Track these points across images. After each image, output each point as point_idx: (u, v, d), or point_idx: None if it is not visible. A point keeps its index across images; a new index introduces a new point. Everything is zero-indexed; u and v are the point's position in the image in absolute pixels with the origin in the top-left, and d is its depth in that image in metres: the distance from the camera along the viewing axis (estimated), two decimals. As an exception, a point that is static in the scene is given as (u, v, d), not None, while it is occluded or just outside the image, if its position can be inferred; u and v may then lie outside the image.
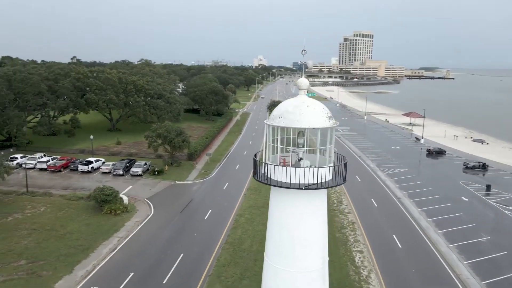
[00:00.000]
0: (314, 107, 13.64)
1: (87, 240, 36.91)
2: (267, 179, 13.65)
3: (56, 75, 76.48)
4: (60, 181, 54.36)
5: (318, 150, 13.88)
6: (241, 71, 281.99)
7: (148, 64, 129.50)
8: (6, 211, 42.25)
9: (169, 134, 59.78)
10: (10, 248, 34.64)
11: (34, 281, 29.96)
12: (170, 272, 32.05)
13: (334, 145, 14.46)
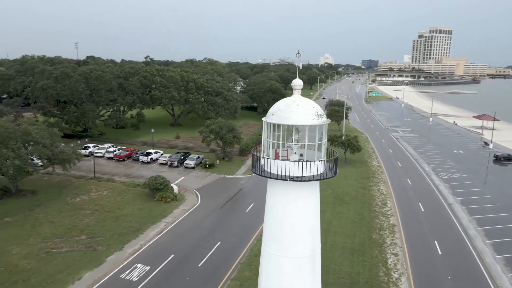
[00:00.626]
0: (303, 106, 14.74)
1: (138, 223, 41.00)
2: (264, 171, 15.03)
3: (126, 73, 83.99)
4: (123, 169, 60.23)
5: (306, 145, 14.96)
6: (305, 69, 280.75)
7: (211, 63, 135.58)
8: (75, 193, 48.24)
9: (221, 130, 62.94)
10: (75, 224, 39.82)
11: (90, 254, 34.35)
12: (206, 257, 34.59)
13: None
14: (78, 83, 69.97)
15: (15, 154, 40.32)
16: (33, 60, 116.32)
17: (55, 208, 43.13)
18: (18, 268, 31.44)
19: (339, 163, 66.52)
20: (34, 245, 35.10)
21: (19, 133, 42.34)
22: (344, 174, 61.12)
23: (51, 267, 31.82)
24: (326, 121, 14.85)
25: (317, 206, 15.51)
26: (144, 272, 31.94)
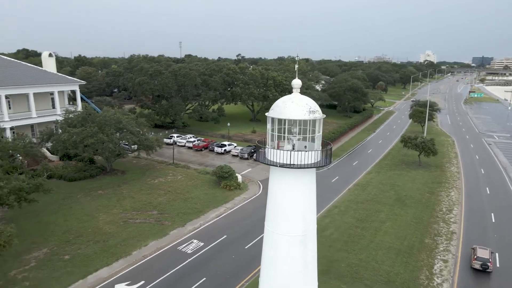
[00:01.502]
0: (297, 103, 16.60)
1: (202, 205, 45.89)
2: (265, 159, 17.35)
3: (211, 71, 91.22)
4: (198, 158, 66.55)
5: (296, 137, 16.80)
6: (399, 67, 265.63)
7: (293, 61, 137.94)
8: (155, 175, 55.36)
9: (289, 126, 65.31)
10: (150, 201, 46.26)
11: (158, 227, 40.02)
12: (254, 241, 37.68)
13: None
14: (168, 80, 78.70)
15: (108, 139, 48.29)
16: (138, 59, 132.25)
17: (137, 187, 50.41)
18: (102, 231, 38.32)
19: (412, 165, 64.66)
20: (116, 215, 42.07)
21: (113, 121, 50.43)
22: (414, 177, 58.83)
23: (126, 233, 38.07)
24: (318, 116, 16.58)
25: (309, 192, 17.28)
26: (198, 247, 36.34)
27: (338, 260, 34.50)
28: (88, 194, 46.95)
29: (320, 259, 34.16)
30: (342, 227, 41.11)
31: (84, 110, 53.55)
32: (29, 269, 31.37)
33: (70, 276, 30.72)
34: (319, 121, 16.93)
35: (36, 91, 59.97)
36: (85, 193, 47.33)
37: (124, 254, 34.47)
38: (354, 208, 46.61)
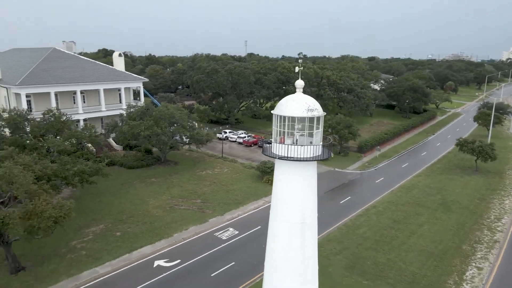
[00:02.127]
0: (298, 101, 18.06)
1: (243, 197, 48.60)
2: (271, 153, 19.14)
3: (266, 70, 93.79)
4: (247, 153, 69.54)
5: (299, 133, 18.30)
6: (474, 66, 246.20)
7: (352, 60, 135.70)
8: (204, 167, 59.32)
9: (337, 125, 65.62)
10: (195, 190, 50.05)
11: (199, 214, 43.49)
12: (286, 233, 39.43)
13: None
14: (223, 78, 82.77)
15: (162, 132, 53.00)
16: (201, 58, 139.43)
17: (186, 177, 54.62)
18: (150, 214, 42.70)
19: (467, 170, 61.63)
20: (164, 200, 46.37)
21: (167, 115, 55.15)
22: (466, 183, 56.12)
23: (170, 218, 42.03)
24: (316, 114, 17.98)
25: (307, 183, 18.72)
26: (232, 235, 39.07)
27: (365, 257, 35.00)
28: (143, 181, 52.05)
29: (347, 255, 35.13)
30: (376, 227, 41.21)
31: (144, 105, 59.07)
32: (86, 241, 36.41)
33: (119, 250, 35.11)
34: (317, 119, 18.36)
35: (105, 87, 67.19)
36: (140, 180, 52.51)
37: (166, 236, 38.30)
38: (393, 209, 46.15)
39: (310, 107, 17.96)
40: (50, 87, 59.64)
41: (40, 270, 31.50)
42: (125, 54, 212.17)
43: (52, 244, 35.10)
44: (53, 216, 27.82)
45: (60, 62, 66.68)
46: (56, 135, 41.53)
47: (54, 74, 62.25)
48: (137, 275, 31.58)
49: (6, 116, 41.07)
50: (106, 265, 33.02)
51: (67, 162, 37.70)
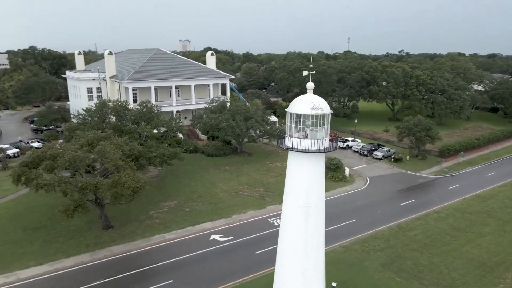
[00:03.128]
0: (305, 101, 20.57)
1: (303, 190, 51.44)
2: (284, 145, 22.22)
3: (352, 68, 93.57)
4: (320, 150, 71.53)
5: (300, 128, 20.81)
6: None
7: (452, 58, 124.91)
8: (274, 160, 63.46)
9: (414, 127, 63.56)
10: (261, 180, 54.47)
11: (259, 201, 47.84)
12: (336, 226, 41.41)
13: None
14: (305, 76, 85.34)
15: (236, 125, 58.61)
16: (293, 56, 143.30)
17: (255, 167, 59.50)
18: (216, 196, 48.50)
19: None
20: (231, 186, 51.84)
21: (243, 110, 60.59)
22: (559, 198, 50.09)
23: (233, 201, 47.23)
24: (320, 112, 20.43)
25: (312, 173, 21.27)
26: (284, 222, 42.50)
27: (407, 257, 35.31)
28: (217, 168, 58.44)
29: (388, 253, 36.02)
30: (430, 231, 40.50)
31: (224, 100, 65.57)
32: (161, 212, 43.61)
33: (185, 222, 41.41)
34: (321, 116, 20.89)
35: (196, 83, 75.85)
36: (215, 167, 59.01)
37: (226, 216, 43.55)
38: (457, 216, 44.30)
39: (314, 106, 20.64)
40: (151, 83, 70.06)
41: (123, 230, 39.32)
42: (226, 52, 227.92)
43: (135, 212, 43.03)
44: (132, 187, 34.79)
45: (161, 61, 77.29)
46: (147, 123, 49.89)
47: (155, 71, 72.72)
48: (195, 244, 37.30)
49: (111, 106, 50.77)
50: (173, 233, 39.50)
51: (152, 145, 45.42)
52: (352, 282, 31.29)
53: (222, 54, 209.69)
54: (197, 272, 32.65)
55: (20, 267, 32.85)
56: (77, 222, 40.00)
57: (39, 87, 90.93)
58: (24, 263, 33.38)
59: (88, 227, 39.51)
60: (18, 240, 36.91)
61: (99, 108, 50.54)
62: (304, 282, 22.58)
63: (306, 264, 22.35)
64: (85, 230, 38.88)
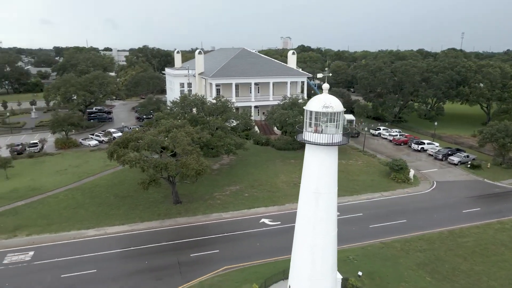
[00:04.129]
0: (319, 100, 23.07)
1: (360, 188, 52.54)
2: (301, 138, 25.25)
3: (440, 68, 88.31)
4: (391, 151, 70.39)
5: (313, 123, 23.40)
6: None
7: None
8: (341, 157, 64.46)
9: (498, 133, 58.97)
10: (322, 175, 56.79)
11: (315, 193, 50.49)
12: (379, 224, 42.32)
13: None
14: (386, 76, 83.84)
15: (294, 122, 61.70)
16: (383, 54, 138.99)
17: (319, 162, 61.79)
18: (275, 186, 52.60)
19: None
20: (292, 178, 55.39)
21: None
22: None
23: (290, 191, 50.74)
24: (330, 110, 22.93)
25: (322, 163, 23.90)
26: (333, 215, 44.77)
27: (447, 261, 35.02)
28: (283, 161, 62.44)
29: (429, 255, 36.44)
30: (484, 240, 38.89)
31: (295, 98, 68.96)
32: (223, 195, 49.36)
33: (241, 205, 46.50)
34: (332, 114, 23.47)
35: (274, 81, 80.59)
36: (281, 159, 63.07)
37: (279, 203, 47.45)
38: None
39: (325, 105, 23.38)
40: (232, 79, 76.93)
41: (189, 206, 46.02)
42: (319, 50, 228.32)
43: (202, 192, 49.56)
44: (195, 169, 40.99)
45: (244, 59, 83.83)
46: (219, 115, 56.21)
47: (237, 69, 79.43)
48: (245, 224, 42.09)
49: (190, 100, 58.30)
50: (229, 213, 44.90)
51: (220, 136, 51.48)
52: (379, 274, 32.73)
53: (315, 52, 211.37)
54: (241, 247, 37.38)
55: (108, 224, 41.50)
56: (155, 195, 48.01)
57: (145, 82, 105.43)
58: (111, 222, 42.02)
59: (162, 200, 47.16)
60: (110, 204, 46.12)
61: (181, 101, 58.48)
62: (312, 260, 25.60)
63: (314, 243, 25.33)
64: (160, 203, 46.57)
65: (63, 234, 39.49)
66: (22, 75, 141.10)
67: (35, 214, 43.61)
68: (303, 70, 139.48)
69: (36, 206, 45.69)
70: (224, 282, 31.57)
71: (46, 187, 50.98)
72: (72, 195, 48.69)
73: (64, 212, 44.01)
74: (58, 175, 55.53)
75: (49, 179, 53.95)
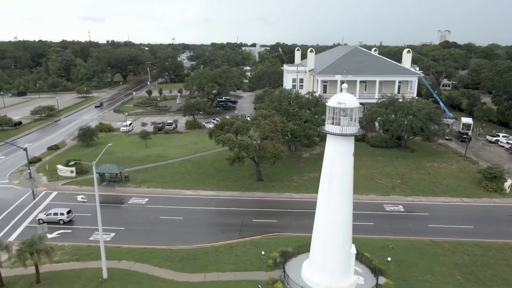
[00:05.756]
0: (335, 97, 27.32)
1: (440, 191, 51.65)
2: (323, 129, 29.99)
3: None
4: (501, 159, 64.24)
5: (331, 117, 27.73)
6: None
7: None
8: (435, 159, 62.98)
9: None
10: (403, 173, 57.10)
11: (387, 189, 52.22)
12: (437, 225, 42.56)
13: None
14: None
15: (395, 120, 62.34)
16: None
17: (408, 162, 61.72)
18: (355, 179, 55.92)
19: None
20: (372, 173, 57.64)
21: (405, 107, 63.20)
22: None
23: (364, 184, 53.56)
24: (343, 106, 27.19)
25: (337, 150, 28.31)
26: (396, 209, 46.70)
27: (492, 268, 34.42)
28: (371, 156, 64.54)
29: (475, 260, 37.14)
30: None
31: (393, 96, 69.10)
32: (301, 179, 55.54)
33: (312, 189, 51.55)
34: (346, 109, 27.77)
35: (381, 79, 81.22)
36: (371, 155, 65.16)
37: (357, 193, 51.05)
38: None
39: (339, 101, 28.02)
40: (337, 77, 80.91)
41: (268, 184, 53.93)
42: (467, 45, 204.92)
43: (283, 175, 56.85)
44: (271, 152, 48.66)
45: (354, 57, 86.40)
46: (309, 109, 62.06)
47: (344, 67, 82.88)
48: (310, 205, 47.47)
49: (284, 94, 65.51)
50: (299, 194, 51.18)
51: (305, 127, 57.64)
52: (409, 263, 34.85)
53: (463, 48, 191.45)
54: (295, 221, 43.61)
55: (202, 188, 52.74)
56: (244, 172, 57.50)
57: (267, 76, 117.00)
58: (204, 187, 53.16)
59: (249, 177, 56.27)
60: (208, 174, 57.57)
61: (279, 95, 66.40)
62: (325, 233, 30.69)
63: (327, 218, 30.40)
64: (246, 178, 55.81)
65: (170, 190, 52.32)
66: (178, 67, 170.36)
67: (156, 173, 58.06)
68: (432, 67, 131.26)
69: (159, 168, 60.39)
70: (268, 242, 38.66)
71: (169, 156, 65.93)
72: (184, 164, 62.10)
73: (175, 176, 57.26)
74: (180, 148, 70.41)
75: (173, 151, 69.11)
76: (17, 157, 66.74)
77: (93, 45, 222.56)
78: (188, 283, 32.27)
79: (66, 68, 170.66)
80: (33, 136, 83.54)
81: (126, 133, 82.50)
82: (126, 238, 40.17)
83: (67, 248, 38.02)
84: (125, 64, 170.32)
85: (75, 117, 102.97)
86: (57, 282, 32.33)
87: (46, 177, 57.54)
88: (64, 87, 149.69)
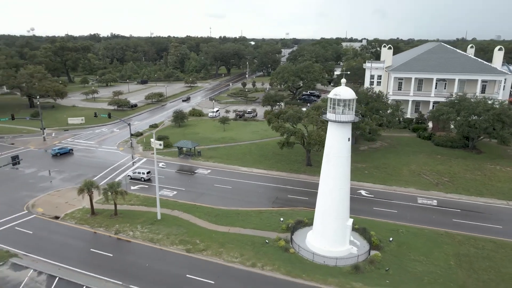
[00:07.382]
0: (333, 90, 32.51)
1: (490, 192, 50.86)
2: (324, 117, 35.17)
3: None
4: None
5: (330, 106, 32.67)
6: None
7: None
8: (501, 163, 60.01)
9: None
10: (456, 172, 56.66)
11: (428, 185, 53.36)
12: (459, 220, 43.35)
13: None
14: None
15: (463, 120, 61.24)
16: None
17: (467, 163, 60.25)
18: (398, 171, 57.84)
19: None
20: (421, 169, 58.46)
21: (470, 107, 61.38)
22: None
23: (407, 178, 55.42)
24: (338, 97, 32.23)
25: (333, 135, 33.46)
26: (428, 203, 48.34)
27: (494, 262, 35.43)
28: (429, 154, 64.55)
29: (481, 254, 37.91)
30: None
31: (462, 96, 66.79)
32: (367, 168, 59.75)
33: (354, 178, 55.37)
34: (338, 100, 32.79)
35: (460, 77, 78.07)
36: (429, 153, 65.08)
37: (387, 184, 53.98)
38: None
39: (336, 93, 33.34)
40: (411, 74, 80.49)
41: (314, 169, 59.30)
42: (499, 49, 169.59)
43: (332, 162, 61.70)
44: (315, 139, 54.61)
45: (436, 54, 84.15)
46: (368, 103, 65.01)
47: (421, 64, 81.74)
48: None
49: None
50: (369, 185, 55.78)
51: (361, 121, 61.34)
52: (410, 246, 37.90)
53: None
54: (324, 201, 48.94)
55: (256, 167, 61.18)
56: (297, 157, 64.12)
57: (352, 72, 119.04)
58: (258, 166, 61.51)
59: (300, 161, 62.72)
60: (266, 156, 65.70)
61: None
62: (324, 205, 36.48)
63: (325, 193, 36.05)
64: (296, 162, 62.41)
65: (230, 166, 62.08)
66: (275, 62, 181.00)
67: (224, 152, 68.51)
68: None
69: (228, 148, 70.82)
70: (292, 213, 45.21)
71: (240, 139, 75.97)
72: (250, 147, 71.33)
73: (239, 155, 66.85)
74: (251, 134, 79.93)
75: (245, 135, 79.00)
76: (126, 131, 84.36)
77: (206, 41, 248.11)
78: (215, 231, 41.19)
79: (181, 61, 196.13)
80: (143, 116, 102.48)
81: (213, 118, 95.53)
82: (184, 196, 51.01)
83: (141, 197, 50.49)
84: (229, 58, 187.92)
85: (178, 103, 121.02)
86: (128, 216, 44.54)
87: (142, 147, 72.84)
88: (177, 77, 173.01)
